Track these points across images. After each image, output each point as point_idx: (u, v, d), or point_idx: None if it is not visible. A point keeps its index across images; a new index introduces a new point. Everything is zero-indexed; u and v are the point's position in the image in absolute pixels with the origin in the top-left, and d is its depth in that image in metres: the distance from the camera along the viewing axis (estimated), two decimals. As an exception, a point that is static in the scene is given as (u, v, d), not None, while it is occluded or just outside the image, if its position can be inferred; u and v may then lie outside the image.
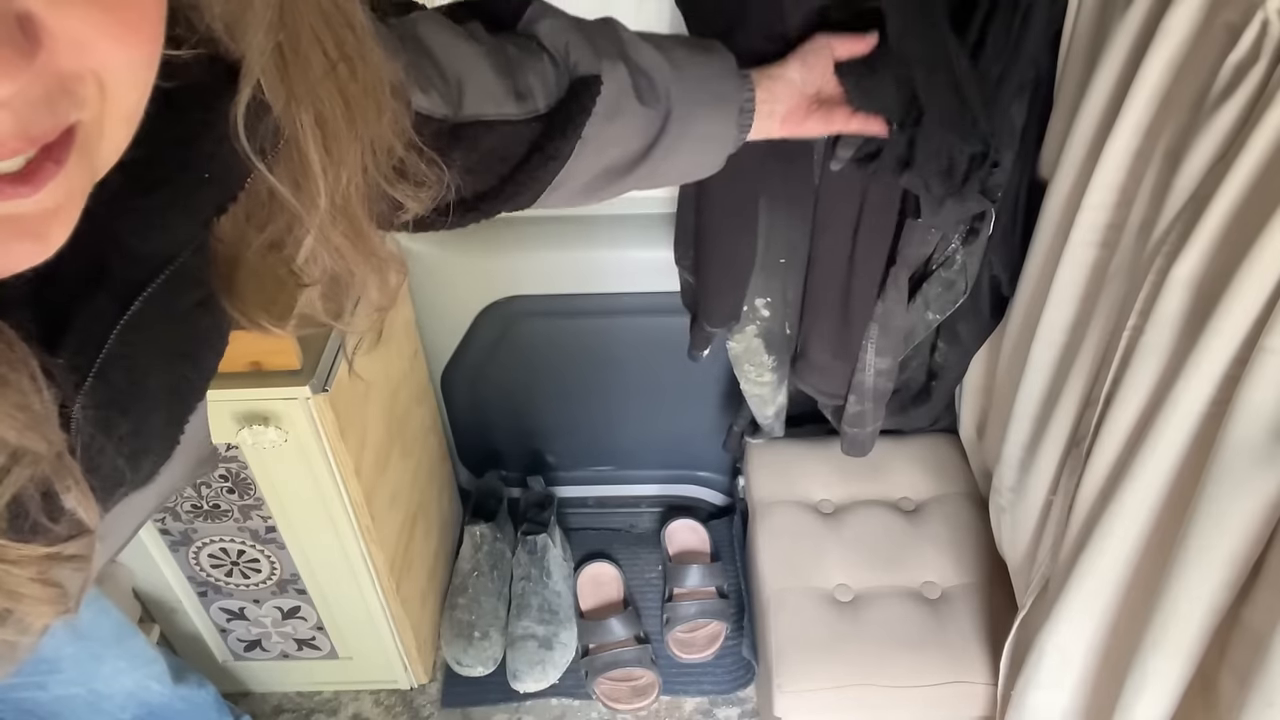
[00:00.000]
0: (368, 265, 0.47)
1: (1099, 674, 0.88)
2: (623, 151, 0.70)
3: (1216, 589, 0.69)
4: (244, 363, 0.98)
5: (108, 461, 0.41)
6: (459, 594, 1.45)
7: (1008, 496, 1.05)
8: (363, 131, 0.42)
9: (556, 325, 1.37)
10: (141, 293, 0.39)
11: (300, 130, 0.39)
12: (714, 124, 0.73)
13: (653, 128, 0.70)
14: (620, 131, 0.68)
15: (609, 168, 0.70)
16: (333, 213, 0.43)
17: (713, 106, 0.73)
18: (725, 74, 0.74)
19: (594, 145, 0.66)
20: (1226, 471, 0.66)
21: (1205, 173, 0.68)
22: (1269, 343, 0.61)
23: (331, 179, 0.41)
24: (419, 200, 0.50)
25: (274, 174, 0.40)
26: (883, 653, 1.12)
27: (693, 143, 0.72)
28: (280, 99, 0.37)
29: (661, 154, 0.71)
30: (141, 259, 0.39)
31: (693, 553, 1.54)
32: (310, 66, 0.38)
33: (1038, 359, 0.94)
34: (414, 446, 1.34)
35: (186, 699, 1.09)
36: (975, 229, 1.00)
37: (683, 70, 0.71)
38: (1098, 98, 0.82)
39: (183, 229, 0.41)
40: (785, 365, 1.20)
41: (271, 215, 0.43)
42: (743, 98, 0.74)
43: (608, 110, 0.66)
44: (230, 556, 1.19)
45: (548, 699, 1.40)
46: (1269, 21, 0.62)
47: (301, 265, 0.45)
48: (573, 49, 0.66)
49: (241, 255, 0.46)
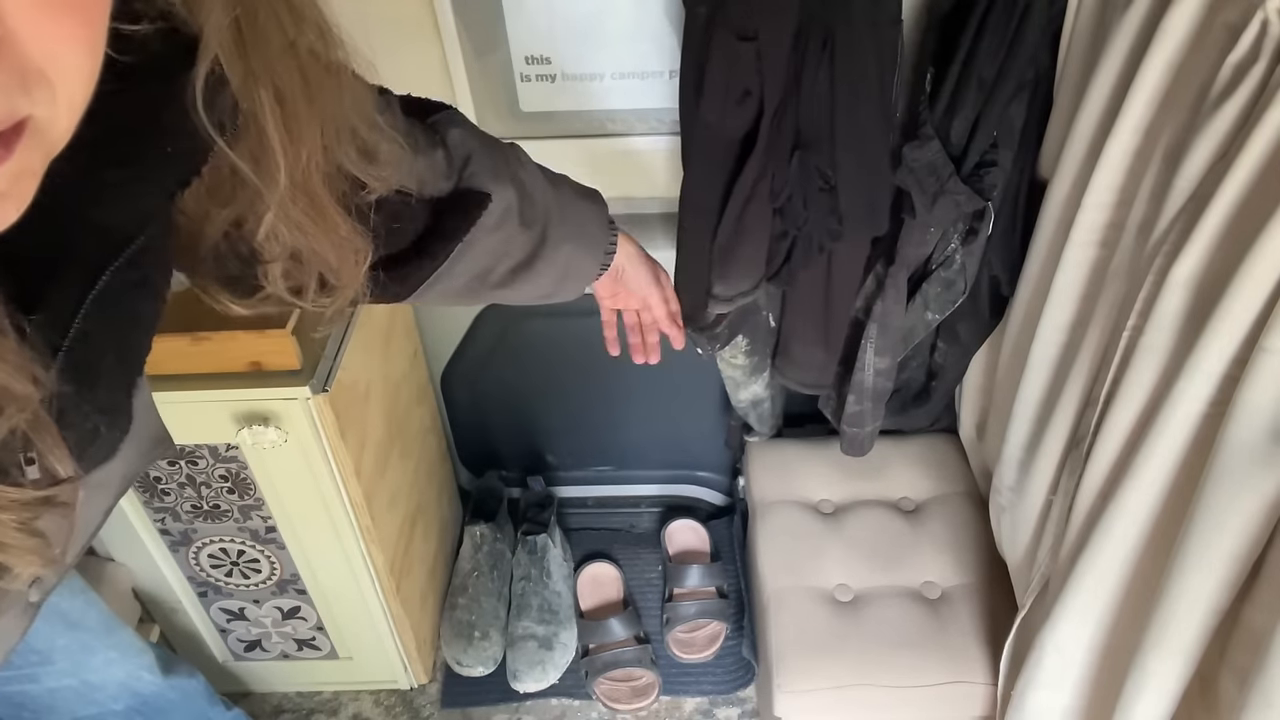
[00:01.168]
0: (328, 242, 0.48)
1: (1099, 674, 0.88)
2: (498, 263, 0.75)
3: (1216, 589, 0.69)
4: (244, 363, 0.98)
5: (75, 431, 0.41)
6: (459, 594, 1.45)
7: (1008, 496, 1.05)
8: (323, 110, 0.43)
9: (556, 325, 1.37)
10: (109, 267, 0.40)
11: (259, 106, 0.39)
12: (580, 260, 0.82)
13: (528, 248, 0.76)
14: (500, 245, 0.73)
15: (484, 275, 0.74)
16: (293, 190, 0.43)
17: (581, 244, 0.81)
18: (599, 222, 0.83)
19: (474, 252, 0.70)
20: (1226, 471, 0.66)
21: (1205, 173, 0.68)
22: (1269, 343, 0.61)
23: (291, 156, 0.42)
24: (381, 181, 0.51)
25: (234, 150, 0.40)
26: (883, 653, 1.12)
27: (559, 270, 0.80)
28: (238, 74, 0.38)
29: (533, 273, 0.77)
30: (107, 234, 0.40)
31: (693, 553, 1.54)
32: (268, 42, 0.38)
33: (1038, 359, 0.94)
34: (414, 446, 1.34)
35: (178, 688, 1.09)
36: (974, 229, 1.00)
37: (565, 208, 0.78)
38: (1097, 98, 0.82)
39: (146, 204, 0.41)
40: (763, 355, 1.21)
41: (235, 192, 0.44)
42: (607, 242, 0.84)
43: (493, 223, 0.70)
44: (230, 556, 1.19)
45: (548, 699, 1.40)
46: (1269, 21, 0.62)
47: (262, 241, 0.46)
48: (473, 161, 0.69)
49: (205, 232, 0.46)
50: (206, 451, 1.05)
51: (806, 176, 0.96)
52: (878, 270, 1.06)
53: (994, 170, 0.95)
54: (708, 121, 0.95)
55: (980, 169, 0.96)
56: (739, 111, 0.93)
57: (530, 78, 1.12)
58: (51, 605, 0.73)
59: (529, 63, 1.11)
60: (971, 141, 0.94)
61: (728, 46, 0.89)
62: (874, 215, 1.00)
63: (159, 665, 1.06)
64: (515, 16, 1.07)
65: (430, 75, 1.09)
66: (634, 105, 1.14)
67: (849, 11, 0.87)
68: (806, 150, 0.95)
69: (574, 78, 1.12)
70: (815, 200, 0.98)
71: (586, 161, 1.16)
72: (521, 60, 1.10)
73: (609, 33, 1.08)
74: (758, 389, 1.27)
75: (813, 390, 1.20)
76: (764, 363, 1.23)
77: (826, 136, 0.94)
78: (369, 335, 1.13)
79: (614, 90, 1.12)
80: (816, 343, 1.13)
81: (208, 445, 1.04)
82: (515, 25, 1.07)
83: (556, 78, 1.12)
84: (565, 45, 1.09)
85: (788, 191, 0.98)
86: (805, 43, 0.89)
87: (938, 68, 0.93)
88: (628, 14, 1.06)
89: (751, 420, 1.34)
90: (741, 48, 0.89)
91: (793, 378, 1.19)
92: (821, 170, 0.96)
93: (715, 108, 0.93)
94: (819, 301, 1.09)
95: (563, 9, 1.06)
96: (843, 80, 0.90)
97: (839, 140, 0.94)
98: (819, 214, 0.98)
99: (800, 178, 0.97)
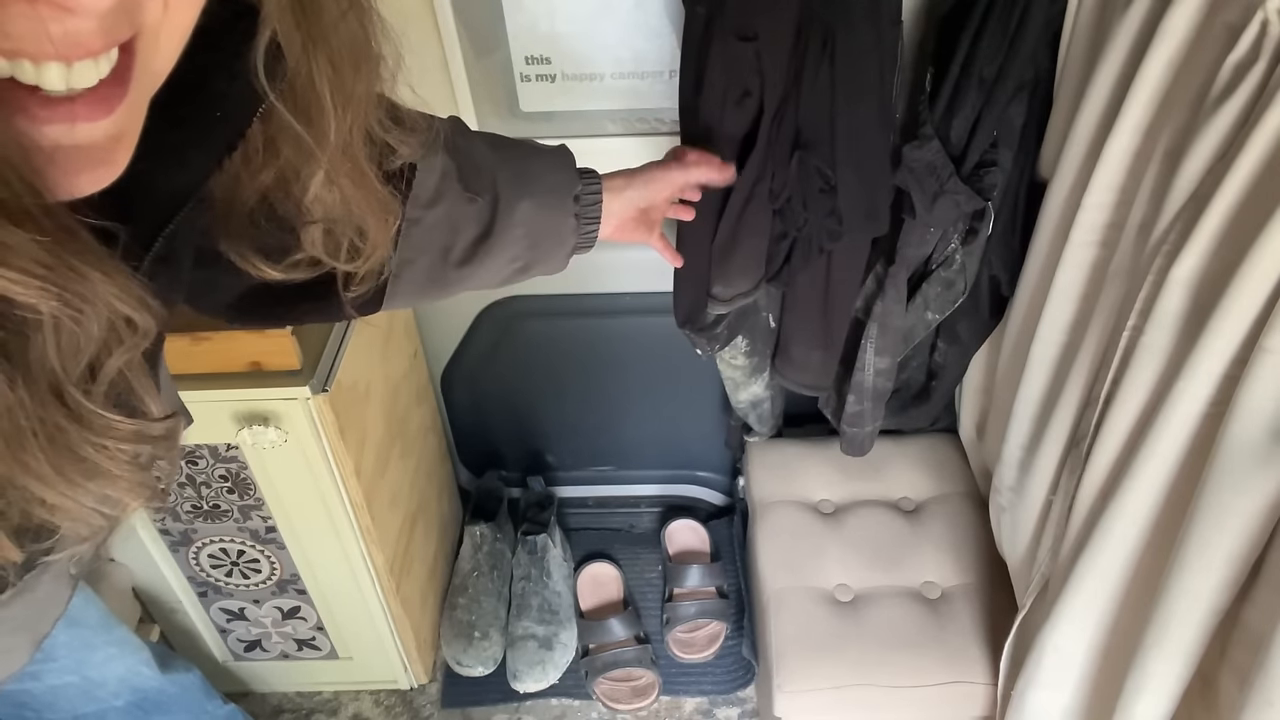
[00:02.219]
0: (367, 205, 0.50)
1: (1099, 674, 0.88)
2: (455, 236, 0.71)
3: (1216, 589, 0.69)
4: (244, 363, 0.98)
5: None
6: (459, 594, 1.45)
7: (1008, 496, 1.05)
8: (366, 75, 0.45)
9: (556, 325, 1.37)
10: (162, 231, 0.41)
11: (317, 72, 0.42)
12: (544, 214, 0.75)
13: (483, 215, 0.72)
14: (447, 216, 0.69)
15: (446, 253, 0.71)
16: (337, 153, 0.46)
17: (540, 196, 0.74)
18: (557, 167, 0.76)
19: (422, 229, 0.68)
20: (1226, 471, 0.66)
21: (1205, 173, 0.68)
22: (1269, 343, 0.61)
23: (340, 119, 0.44)
24: (409, 145, 0.53)
25: (288, 112, 0.42)
26: (883, 653, 1.12)
27: (525, 231, 0.74)
28: (296, 43, 0.40)
29: (498, 242, 0.72)
30: (164, 196, 0.41)
31: (693, 553, 1.54)
32: (324, 12, 0.41)
33: (1038, 359, 0.94)
34: (414, 447, 1.34)
35: (176, 683, 1.09)
36: (974, 229, 1.00)
37: (512, 165, 0.73)
38: (1097, 98, 0.82)
39: (199, 166, 0.43)
40: (763, 356, 1.21)
41: (269, 158, 0.46)
42: (577, 188, 0.76)
43: (429, 195, 0.67)
44: (230, 557, 1.19)
45: (548, 699, 1.40)
46: (1269, 21, 0.62)
47: (309, 202, 0.48)
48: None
49: (239, 197, 0.48)
50: (206, 451, 1.05)
51: (806, 177, 0.96)
52: (878, 270, 1.07)
53: (994, 170, 0.95)
54: (707, 122, 0.95)
55: (980, 169, 0.96)
56: (738, 112, 0.93)
57: (530, 78, 1.12)
58: None
59: (529, 63, 1.11)
60: (971, 141, 0.94)
61: (728, 47, 0.89)
62: (874, 216, 1.00)
63: (156, 661, 1.07)
64: (515, 16, 1.07)
65: (430, 75, 1.09)
66: (634, 105, 1.14)
67: (849, 11, 0.87)
68: (806, 151, 0.95)
69: (574, 78, 1.12)
70: (815, 201, 0.98)
71: (586, 161, 1.15)
72: (521, 60, 1.10)
73: (609, 33, 1.08)
74: (758, 389, 1.28)
75: (812, 391, 1.20)
76: (764, 363, 1.23)
77: (827, 137, 0.94)
78: (369, 335, 1.13)
79: (614, 90, 1.12)
80: (816, 344, 1.13)
81: (208, 445, 1.04)
82: (515, 25, 1.07)
83: (556, 78, 1.12)
84: (565, 45, 1.09)
85: (787, 192, 0.98)
86: (806, 43, 0.89)
87: (938, 68, 0.93)
88: (628, 14, 1.06)
89: (751, 420, 1.34)
90: (741, 48, 0.89)
91: (792, 379, 1.19)
92: (821, 171, 0.96)
93: (715, 108, 0.93)
94: (818, 303, 1.09)
95: (563, 9, 1.06)
96: (843, 80, 0.90)
97: (839, 140, 0.93)
98: (818, 215, 0.98)
99: (800, 178, 0.97)
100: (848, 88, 0.91)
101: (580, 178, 0.78)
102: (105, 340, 0.33)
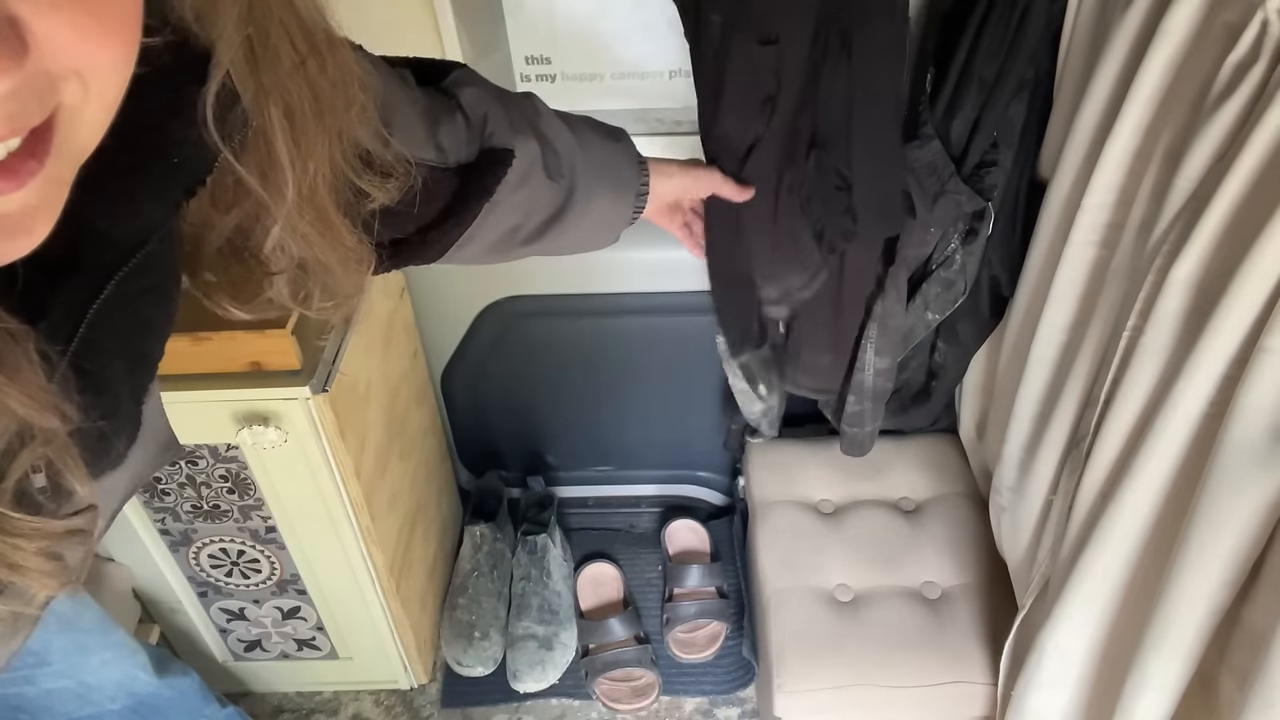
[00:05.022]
0: (334, 254, 0.49)
1: (1099, 674, 0.88)
2: (528, 219, 0.74)
3: (1216, 589, 0.69)
4: (244, 363, 0.98)
5: (88, 440, 0.42)
6: (459, 594, 1.45)
7: (1008, 496, 1.05)
8: (331, 124, 0.43)
9: (556, 325, 1.37)
10: (114, 276, 0.40)
11: (269, 123, 0.40)
12: (613, 204, 0.80)
13: (557, 200, 0.75)
14: (526, 200, 0.72)
15: (514, 231, 0.74)
16: (300, 203, 0.44)
17: (613, 188, 0.80)
18: (628, 161, 0.81)
19: (500, 210, 0.70)
20: (1226, 472, 0.66)
21: (1205, 173, 0.68)
22: (1269, 343, 0.61)
23: (299, 171, 0.42)
24: (385, 190, 0.51)
25: (241, 163, 0.40)
26: (883, 653, 1.12)
27: (592, 218, 0.79)
28: (249, 91, 0.38)
29: (564, 225, 0.76)
30: (114, 243, 0.40)
31: (693, 553, 1.54)
32: (279, 60, 0.39)
33: (1038, 359, 0.94)
34: (414, 447, 1.34)
35: (174, 687, 1.09)
36: (974, 229, 1.00)
37: (589, 153, 0.77)
38: (1098, 97, 0.82)
39: (153, 213, 0.42)
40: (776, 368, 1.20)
41: (237, 199, 0.44)
42: (639, 184, 0.82)
43: (517, 179, 0.70)
44: (230, 557, 1.19)
45: (548, 699, 1.40)
46: (1269, 21, 0.62)
47: (269, 254, 0.46)
48: (491, 119, 0.68)
49: (206, 238, 0.47)
50: (206, 451, 1.05)
51: (823, 176, 0.95)
52: (878, 270, 1.06)
53: (994, 170, 0.95)
54: (730, 128, 0.93)
55: (980, 169, 0.96)
56: (760, 118, 0.92)
57: (530, 78, 1.12)
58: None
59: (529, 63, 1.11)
60: (972, 141, 0.94)
61: (749, 52, 0.88)
62: (889, 214, 0.98)
63: (153, 665, 1.06)
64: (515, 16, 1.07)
65: (430, 75, 1.09)
66: (634, 105, 1.14)
67: (866, 9, 0.87)
68: (823, 149, 0.94)
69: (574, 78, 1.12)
70: (830, 199, 0.97)
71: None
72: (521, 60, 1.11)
73: (609, 33, 1.08)
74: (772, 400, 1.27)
75: (821, 395, 1.20)
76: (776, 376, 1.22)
77: (843, 135, 0.93)
78: (369, 335, 1.13)
79: (614, 90, 1.13)
80: (826, 347, 1.12)
81: (208, 445, 1.04)
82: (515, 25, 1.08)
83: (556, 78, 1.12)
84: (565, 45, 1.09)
85: (805, 191, 0.97)
86: (824, 42, 0.88)
87: (938, 68, 0.93)
88: (628, 14, 1.06)
89: (763, 428, 1.33)
90: (763, 52, 0.88)
91: (805, 385, 1.18)
92: (838, 169, 0.95)
93: (737, 113, 0.92)
94: (830, 307, 1.08)
95: (563, 9, 1.06)
96: (860, 78, 0.89)
97: (855, 138, 0.92)
98: (833, 213, 0.97)
99: (816, 177, 0.96)
100: (865, 85, 0.90)
101: (640, 170, 0.82)
102: (9, 445, 0.32)
